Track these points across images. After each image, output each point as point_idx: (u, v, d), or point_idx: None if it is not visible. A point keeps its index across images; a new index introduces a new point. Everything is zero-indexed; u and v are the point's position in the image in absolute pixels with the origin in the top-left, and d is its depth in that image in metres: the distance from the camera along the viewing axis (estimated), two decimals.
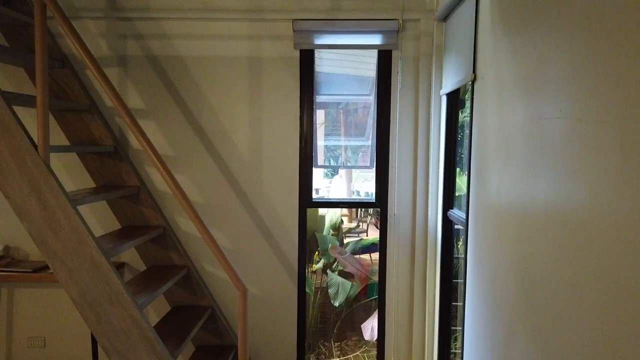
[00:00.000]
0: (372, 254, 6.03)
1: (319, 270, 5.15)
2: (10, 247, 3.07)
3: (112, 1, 2.94)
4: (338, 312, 4.90)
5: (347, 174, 8.45)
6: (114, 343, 2.19)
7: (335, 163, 5.98)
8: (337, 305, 4.68)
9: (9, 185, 2.13)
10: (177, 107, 3.01)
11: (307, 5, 2.93)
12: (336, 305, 4.68)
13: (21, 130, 2.11)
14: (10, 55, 2.49)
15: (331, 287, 4.80)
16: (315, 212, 5.02)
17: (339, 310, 4.88)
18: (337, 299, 4.72)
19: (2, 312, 3.11)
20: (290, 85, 2.98)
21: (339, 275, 4.93)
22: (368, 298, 4.80)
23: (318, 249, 5.12)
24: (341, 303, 4.69)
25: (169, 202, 3.04)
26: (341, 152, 6.21)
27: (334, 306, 4.71)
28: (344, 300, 4.73)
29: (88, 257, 2.16)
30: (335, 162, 5.94)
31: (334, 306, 4.71)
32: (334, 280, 4.82)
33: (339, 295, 4.78)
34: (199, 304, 3.01)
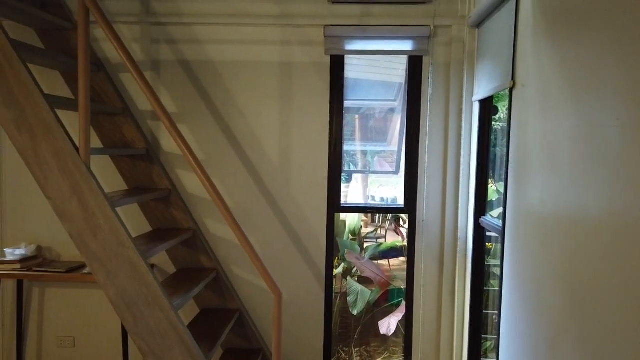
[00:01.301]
0: (390, 260, 6.01)
1: (338, 275, 5.15)
2: (43, 247, 3.11)
3: (146, 6, 2.98)
4: (358, 317, 4.89)
5: (362, 179, 8.43)
6: (150, 344, 2.21)
7: (354, 168, 5.99)
8: (356, 314, 4.68)
9: (50, 186, 2.17)
10: (208, 111, 3.04)
11: (338, 12, 2.94)
12: (355, 314, 4.67)
13: (63, 133, 2.15)
14: (47, 58, 2.54)
15: (350, 295, 4.79)
16: (336, 217, 5.02)
17: (357, 316, 4.87)
18: (356, 308, 4.71)
19: (33, 311, 3.16)
20: (320, 90, 3.00)
21: (358, 280, 4.92)
22: (388, 303, 4.79)
23: (338, 254, 5.12)
24: (360, 311, 4.69)
25: (199, 205, 3.07)
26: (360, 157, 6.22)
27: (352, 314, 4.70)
28: (362, 308, 4.73)
29: (126, 258, 2.18)
30: (354, 167, 5.94)
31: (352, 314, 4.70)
32: (354, 288, 4.81)
33: (357, 304, 4.77)
34: (227, 307, 3.02)
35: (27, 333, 3.17)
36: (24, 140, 2.15)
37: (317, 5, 2.94)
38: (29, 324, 3.17)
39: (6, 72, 2.11)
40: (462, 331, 2.94)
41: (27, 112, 2.13)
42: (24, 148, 2.15)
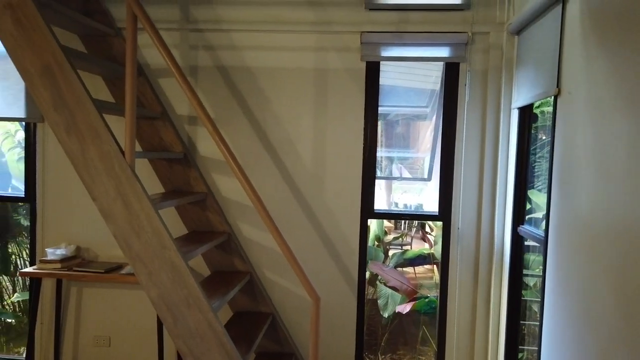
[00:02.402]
0: (415, 268, 5.96)
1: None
2: (81, 247, 3.19)
3: (185, 13, 3.04)
4: (384, 325, 4.86)
5: (386, 185, 8.41)
6: (190, 346, 2.23)
7: (379, 174, 5.97)
8: (387, 317, 4.65)
9: (97, 188, 2.22)
10: (244, 116, 3.08)
11: (374, 18, 2.96)
12: (385, 316, 4.65)
13: (110, 136, 2.20)
14: (92, 63, 2.60)
15: (380, 298, 4.79)
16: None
17: (384, 324, 4.84)
18: (387, 310, 4.69)
19: (71, 310, 3.23)
20: (355, 96, 3.01)
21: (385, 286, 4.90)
22: (418, 312, 4.75)
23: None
24: (390, 314, 4.66)
25: (233, 208, 3.11)
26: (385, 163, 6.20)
27: (382, 318, 4.68)
28: (393, 311, 4.71)
29: (168, 260, 2.22)
30: (380, 173, 5.93)
31: (382, 318, 4.68)
32: (384, 292, 4.80)
33: (388, 307, 4.75)
34: (260, 310, 3.04)
35: (64, 332, 3.24)
36: (73, 144, 2.21)
37: (353, 12, 2.95)
38: (66, 323, 3.24)
39: (57, 78, 2.18)
40: (497, 342, 2.90)
41: (77, 116, 2.19)
42: (73, 151, 2.21)
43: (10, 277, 4.83)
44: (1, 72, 3.16)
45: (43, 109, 2.21)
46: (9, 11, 2.17)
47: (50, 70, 2.18)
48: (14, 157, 4.51)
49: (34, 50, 2.18)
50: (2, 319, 4.60)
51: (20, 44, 2.18)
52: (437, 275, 5.56)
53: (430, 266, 5.89)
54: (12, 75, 3.14)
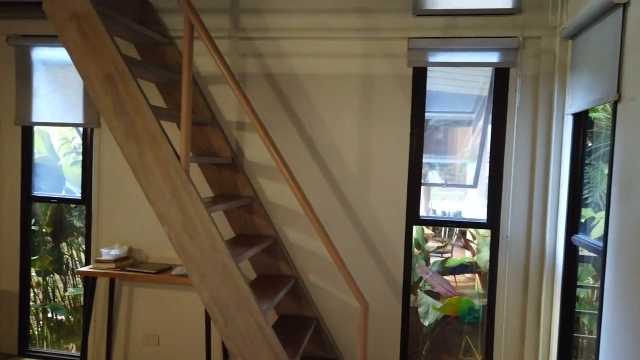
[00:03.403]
0: (456, 276, 5.85)
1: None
2: (133, 248, 3.30)
3: (235, 22, 3.12)
4: (425, 333, 4.79)
5: (425, 191, 8.31)
6: (240, 347, 2.28)
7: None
8: (427, 325, 4.59)
9: (153, 192, 2.30)
10: (290, 122, 3.12)
11: (422, 24, 2.95)
12: (425, 325, 4.59)
13: (167, 141, 2.28)
14: (149, 71, 2.70)
15: (421, 306, 4.73)
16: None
17: (425, 332, 4.78)
18: (427, 319, 4.63)
19: (122, 309, 3.35)
20: (401, 102, 3.00)
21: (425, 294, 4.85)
22: (460, 321, 4.66)
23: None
24: (431, 323, 4.60)
25: (279, 213, 3.15)
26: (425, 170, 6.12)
27: (422, 326, 4.62)
28: (434, 320, 4.64)
29: (220, 262, 2.27)
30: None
31: (422, 326, 4.62)
32: (424, 300, 4.74)
33: (429, 315, 4.70)
34: (305, 315, 3.06)
35: (115, 329, 3.36)
36: (131, 148, 2.30)
37: (401, 18, 2.96)
38: (118, 321, 3.36)
39: (118, 85, 2.28)
40: (547, 355, 2.81)
41: (136, 122, 2.28)
42: (131, 155, 2.30)
43: (61, 276, 5.05)
44: (62, 80, 3.33)
45: (104, 115, 2.31)
46: (75, 22, 2.29)
47: (112, 79, 2.29)
48: (69, 161, 4.73)
49: (97, 59, 2.29)
50: (55, 316, 4.81)
51: (85, 53, 2.30)
52: (479, 284, 5.44)
53: (472, 275, 5.78)
54: (72, 83, 3.30)
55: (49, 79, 3.34)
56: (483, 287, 5.23)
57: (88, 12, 2.26)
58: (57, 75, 3.34)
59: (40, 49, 3.36)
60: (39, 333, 4.44)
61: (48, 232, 4.77)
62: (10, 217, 3.49)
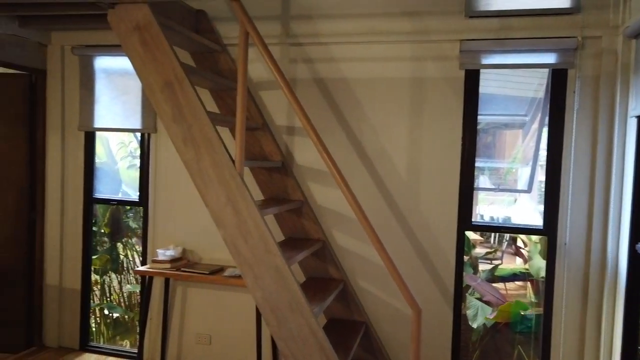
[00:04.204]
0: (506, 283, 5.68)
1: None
2: (187, 250, 3.41)
3: (286, 29, 3.18)
4: (474, 341, 4.68)
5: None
6: (292, 349, 2.31)
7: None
8: (475, 327, 4.49)
9: (210, 195, 2.37)
10: (339, 126, 3.14)
11: (474, 26, 2.90)
12: (474, 327, 4.49)
13: (222, 146, 2.35)
14: (204, 78, 2.79)
15: (470, 309, 4.64)
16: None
17: (474, 340, 4.66)
18: (476, 321, 4.54)
19: (177, 308, 3.46)
20: (452, 105, 2.96)
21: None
22: (512, 330, 4.53)
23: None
24: (480, 325, 4.50)
25: (327, 216, 3.17)
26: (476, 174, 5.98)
27: (472, 334, 4.51)
28: (482, 323, 4.54)
29: (272, 264, 2.31)
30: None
31: (472, 334, 4.51)
32: (474, 303, 4.64)
33: (477, 318, 4.60)
34: (354, 319, 3.06)
35: (170, 328, 3.48)
36: (189, 153, 2.39)
37: (452, 20, 2.92)
38: (172, 320, 3.48)
39: (177, 92, 2.37)
40: None
41: (193, 128, 2.36)
42: (188, 160, 2.39)
43: (117, 275, 5.28)
44: (122, 87, 3.49)
45: (164, 121, 2.41)
46: (137, 33, 2.41)
47: (171, 86, 2.38)
48: (126, 165, 4.95)
49: (157, 67, 2.39)
50: (111, 313, 5.03)
51: (146, 62, 2.41)
52: (531, 293, 5.26)
53: (523, 282, 5.59)
54: (131, 90, 3.46)
55: (109, 87, 3.52)
56: (535, 295, 5.05)
57: (150, 22, 2.37)
58: (117, 83, 3.51)
59: (102, 58, 3.54)
60: (96, 329, 4.65)
61: (106, 233, 5.00)
62: (74, 218, 3.68)
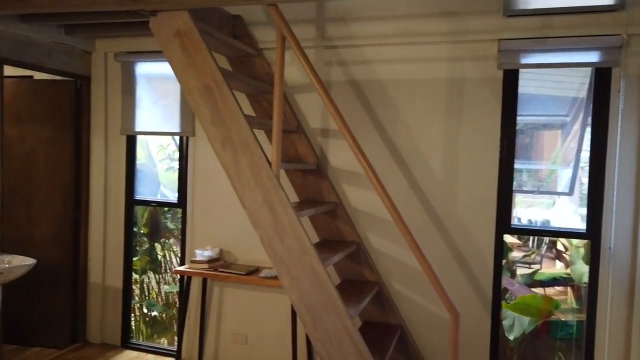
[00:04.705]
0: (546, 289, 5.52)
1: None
2: (223, 250, 3.48)
3: (321, 32, 3.20)
4: (511, 347, 4.56)
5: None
6: (328, 350, 2.32)
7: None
8: (512, 339, 4.37)
9: (247, 196, 2.41)
10: (374, 128, 3.14)
11: (513, 25, 2.84)
12: (511, 339, 4.38)
13: (259, 148, 2.38)
14: (240, 82, 2.83)
15: (506, 319, 4.52)
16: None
17: (512, 346, 4.55)
18: (512, 332, 4.42)
19: (214, 307, 3.53)
20: (490, 106, 2.91)
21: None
22: (552, 337, 4.40)
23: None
24: (516, 337, 4.38)
25: (362, 219, 3.16)
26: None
27: (508, 340, 4.40)
28: (520, 334, 4.42)
29: (309, 265, 2.33)
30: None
31: (508, 340, 4.40)
32: (510, 313, 4.52)
33: (514, 329, 4.47)
34: (389, 322, 3.05)
35: (207, 326, 3.55)
36: (227, 155, 2.43)
37: (490, 19, 2.87)
38: (209, 319, 3.55)
39: (216, 96, 2.43)
40: None
41: (231, 131, 2.41)
42: (227, 162, 2.43)
43: (155, 275, 5.42)
44: (161, 92, 3.59)
45: (203, 124, 2.47)
46: (177, 39, 2.47)
47: (210, 90, 2.44)
48: (164, 167, 5.09)
49: (196, 72, 2.45)
50: (150, 312, 5.17)
51: (186, 67, 2.47)
52: (572, 299, 5.10)
53: (564, 288, 5.43)
54: (170, 95, 3.56)
55: (149, 92, 3.63)
56: (577, 301, 4.89)
57: (190, 29, 2.43)
58: (156, 88, 3.61)
59: (143, 64, 3.66)
60: (135, 327, 4.79)
61: (145, 233, 5.15)
62: (116, 219, 3.81)
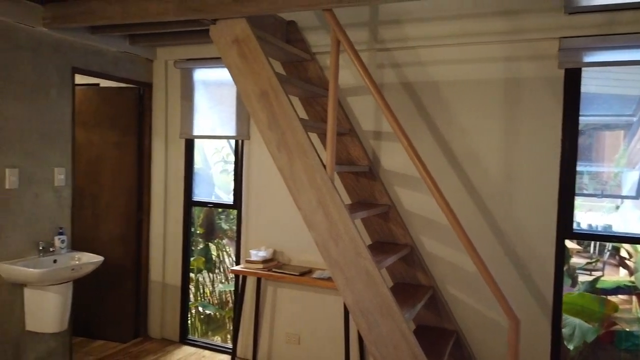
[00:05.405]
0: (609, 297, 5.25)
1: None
2: (277, 251, 3.55)
3: (374, 34, 3.21)
4: (572, 356, 4.37)
5: None
6: (383, 353, 2.32)
7: None
8: (572, 349, 4.19)
9: (302, 199, 2.46)
10: (427, 130, 3.11)
11: (575, 22, 2.73)
12: (570, 349, 4.19)
13: (314, 152, 2.42)
14: (295, 86, 2.89)
15: (566, 327, 4.34)
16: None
17: (572, 355, 4.36)
18: (572, 342, 4.24)
19: (267, 307, 3.61)
20: (550, 106, 2.81)
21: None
22: (616, 347, 4.18)
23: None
24: (577, 346, 4.20)
25: (415, 221, 3.14)
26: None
27: (568, 349, 4.22)
28: (580, 344, 4.23)
29: (363, 268, 2.34)
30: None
31: (568, 349, 4.22)
32: (570, 320, 4.33)
33: (574, 338, 4.29)
34: (444, 327, 3.00)
35: (261, 325, 3.63)
36: (282, 158, 2.49)
37: (550, 17, 2.77)
38: (263, 318, 3.63)
39: (272, 101, 2.49)
40: None
41: (287, 134, 2.46)
42: (282, 165, 2.49)
43: (209, 274, 5.60)
44: (218, 97, 3.72)
45: (259, 128, 2.54)
46: (236, 46, 2.56)
47: (266, 95, 2.50)
48: (219, 169, 5.25)
49: (254, 78, 2.53)
50: (204, 310, 5.35)
51: (244, 73, 2.55)
52: (637, 308, 4.82)
53: (628, 296, 5.14)
54: (226, 100, 3.68)
55: (207, 97, 3.76)
56: None
57: (247, 36, 2.51)
58: (213, 94, 3.74)
59: (200, 70, 3.80)
60: (191, 324, 4.96)
61: (200, 233, 5.34)
62: (175, 220, 3.97)
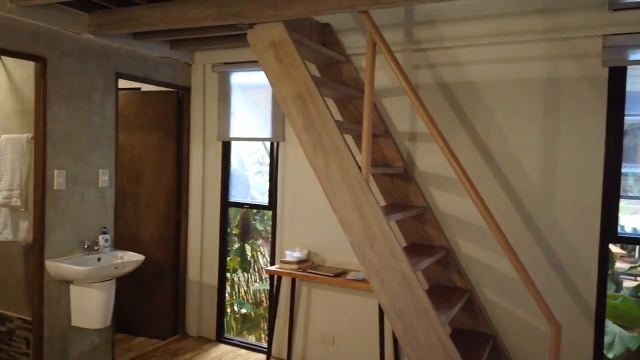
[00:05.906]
0: None
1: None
2: (311, 252, 3.57)
3: (409, 35, 3.19)
4: None
5: None
6: (418, 355, 2.30)
7: None
8: (612, 357, 4.04)
9: (337, 200, 2.47)
10: (464, 131, 3.06)
11: (619, 19, 2.64)
12: (610, 357, 4.05)
13: (349, 153, 2.43)
14: (330, 88, 2.90)
15: (606, 335, 4.19)
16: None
17: None
18: (613, 350, 4.09)
19: (302, 307, 3.64)
20: (593, 105, 2.73)
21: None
22: None
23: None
24: (616, 355, 4.05)
25: (451, 223, 3.10)
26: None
27: (607, 358, 4.07)
28: (620, 352, 4.08)
29: (398, 270, 2.34)
30: None
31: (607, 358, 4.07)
32: (609, 329, 4.19)
33: (615, 347, 4.15)
34: (480, 330, 2.96)
35: (296, 326, 3.67)
36: (318, 160, 2.51)
37: (593, 14, 2.69)
38: (298, 318, 3.66)
39: (308, 104, 2.52)
40: None
41: (322, 137, 2.48)
42: (318, 167, 2.51)
43: (244, 274, 5.69)
44: (254, 100, 3.78)
45: (295, 130, 2.57)
46: (272, 49, 2.60)
47: (302, 98, 2.53)
48: (254, 171, 5.34)
49: (290, 81, 2.56)
50: (239, 309, 5.44)
51: (280, 76, 2.59)
52: None
53: None
54: (262, 102, 3.73)
55: (243, 100, 3.84)
56: None
57: (284, 40, 2.55)
58: (249, 97, 3.81)
59: (237, 74, 3.87)
60: (227, 323, 5.06)
61: (236, 234, 5.44)
62: (212, 220, 4.06)
